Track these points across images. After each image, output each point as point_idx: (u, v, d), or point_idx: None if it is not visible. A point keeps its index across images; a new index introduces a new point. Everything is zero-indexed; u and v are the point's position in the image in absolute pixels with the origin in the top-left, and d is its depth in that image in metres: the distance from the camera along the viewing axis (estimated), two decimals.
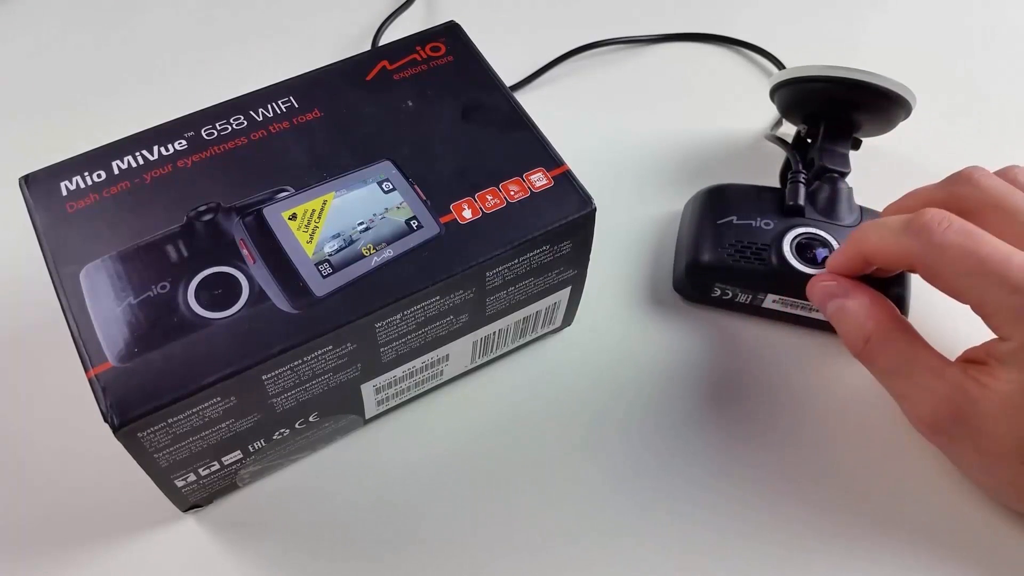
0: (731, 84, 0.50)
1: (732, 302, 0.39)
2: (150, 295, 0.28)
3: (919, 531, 0.33)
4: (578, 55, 0.50)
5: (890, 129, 0.42)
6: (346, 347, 0.29)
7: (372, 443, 0.36)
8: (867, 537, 0.33)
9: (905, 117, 0.41)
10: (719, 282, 0.38)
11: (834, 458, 0.35)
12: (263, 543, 0.33)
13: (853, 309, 0.33)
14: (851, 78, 0.39)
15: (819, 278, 0.35)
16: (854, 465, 0.35)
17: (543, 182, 0.32)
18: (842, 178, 0.40)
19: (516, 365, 0.38)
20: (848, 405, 0.37)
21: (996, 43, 0.52)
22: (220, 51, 0.51)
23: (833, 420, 0.36)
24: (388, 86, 0.34)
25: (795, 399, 0.37)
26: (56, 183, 0.31)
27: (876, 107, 0.40)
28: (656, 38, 0.52)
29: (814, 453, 0.36)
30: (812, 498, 0.34)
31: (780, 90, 0.42)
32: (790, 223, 0.38)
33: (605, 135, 0.47)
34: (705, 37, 0.52)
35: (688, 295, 0.40)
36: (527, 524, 0.34)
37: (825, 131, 0.41)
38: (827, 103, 0.40)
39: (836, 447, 0.36)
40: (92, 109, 0.48)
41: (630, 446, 0.36)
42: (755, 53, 0.51)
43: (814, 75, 0.40)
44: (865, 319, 0.33)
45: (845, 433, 0.36)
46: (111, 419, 0.26)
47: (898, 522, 0.34)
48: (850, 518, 0.34)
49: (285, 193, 0.31)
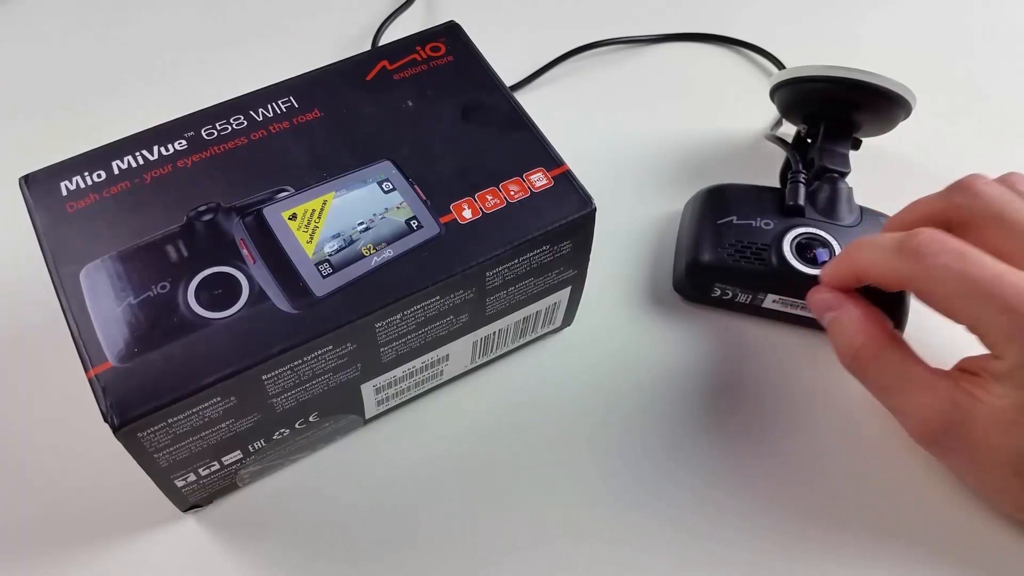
0: (730, 84, 0.50)
1: (732, 302, 0.39)
2: (150, 295, 0.28)
3: (915, 532, 0.33)
4: (578, 55, 0.50)
5: (890, 129, 0.42)
6: (346, 347, 0.29)
7: (372, 443, 0.36)
8: (862, 536, 0.33)
9: (905, 117, 0.41)
10: (719, 282, 0.38)
11: (834, 459, 0.35)
12: (263, 543, 0.33)
13: (844, 323, 0.33)
14: (851, 78, 0.39)
15: (817, 289, 0.35)
16: (852, 465, 0.35)
17: (543, 182, 0.32)
18: (842, 178, 0.40)
19: (516, 365, 0.38)
20: (848, 405, 0.37)
21: (996, 43, 0.52)
22: (220, 51, 0.51)
23: (833, 420, 0.36)
24: (388, 86, 0.34)
25: (795, 399, 0.37)
26: (56, 183, 0.31)
27: (876, 107, 0.40)
28: (656, 38, 0.52)
29: (813, 454, 0.36)
30: (810, 498, 0.34)
31: (780, 90, 0.42)
32: (790, 223, 0.38)
33: (604, 135, 0.47)
34: (705, 37, 0.52)
35: (688, 295, 0.40)
36: (526, 524, 0.34)
37: (825, 131, 0.41)
38: (827, 103, 0.40)
39: (836, 447, 0.36)
40: (92, 109, 0.48)
41: (631, 446, 0.36)
42: (755, 53, 0.51)
43: (814, 75, 0.40)
44: (855, 333, 0.33)
45: (844, 433, 0.36)
46: (111, 419, 0.26)
47: (894, 523, 0.34)
48: (847, 518, 0.34)
49: (285, 193, 0.31)
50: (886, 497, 0.34)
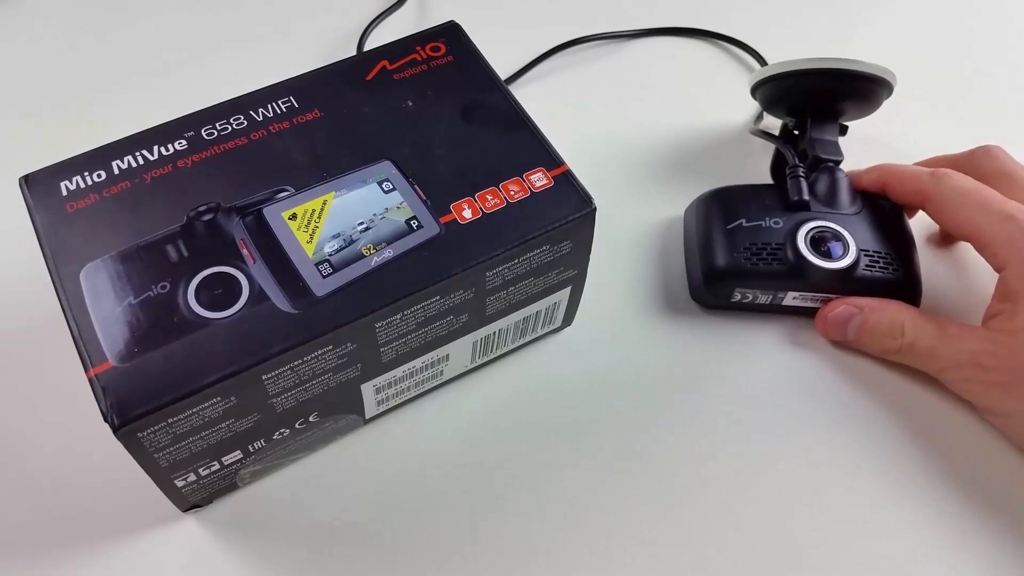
0: (710, 78, 0.50)
1: (752, 304, 0.39)
2: (150, 295, 0.28)
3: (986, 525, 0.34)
4: (561, 52, 0.50)
5: (875, 110, 0.42)
6: (346, 347, 0.29)
7: (372, 443, 0.36)
8: (872, 547, 0.33)
9: (888, 96, 0.41)
10: (740, 287, 0.38)
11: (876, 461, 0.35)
12: (263, 543, 0.33)
13: (876, 317, 0.36)
14: (832, 68, 0.39)
15: (825, 311, 0.38)
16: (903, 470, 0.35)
17: (543, 182, 0.32)
18: (837, 166, 0.40)
19: (516, 365, 0.38)
20: (891, 395, 0.37)
21: (985, 39, 0.52)
22: (220, 51, 0.51)
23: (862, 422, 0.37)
24: (388, 86, 0.34)
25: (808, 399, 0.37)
26: (56, 183, 0.31)
27: (860, 91, 0.40)
28: (636, 33, 0.52)
29: (835, 454, 0.36)
30: (855, 507, 0.34)
31: (762, 87, 0.42)
32: (798, 218, 0.38)
33: (588, 132, 0.47)
34: (685, 31, 0.52)
35: (707, 303, 0.40)
36: (526, 524, 0.34)
37: (813, 122, 0.41)
38: (811, 95, 0.41)
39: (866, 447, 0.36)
40: (92, 109, 0.48)
41: (631, 446, 0.36)
42: (734, 46, 0.51)
43: (795, 69, 0.40)
44: (896, 315, 0.36)
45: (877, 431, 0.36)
46: (111, 419, 0.26)
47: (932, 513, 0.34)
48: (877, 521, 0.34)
49: (285, 193, 0.31)
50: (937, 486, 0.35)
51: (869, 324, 0.37)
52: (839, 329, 0.37)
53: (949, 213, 0.36)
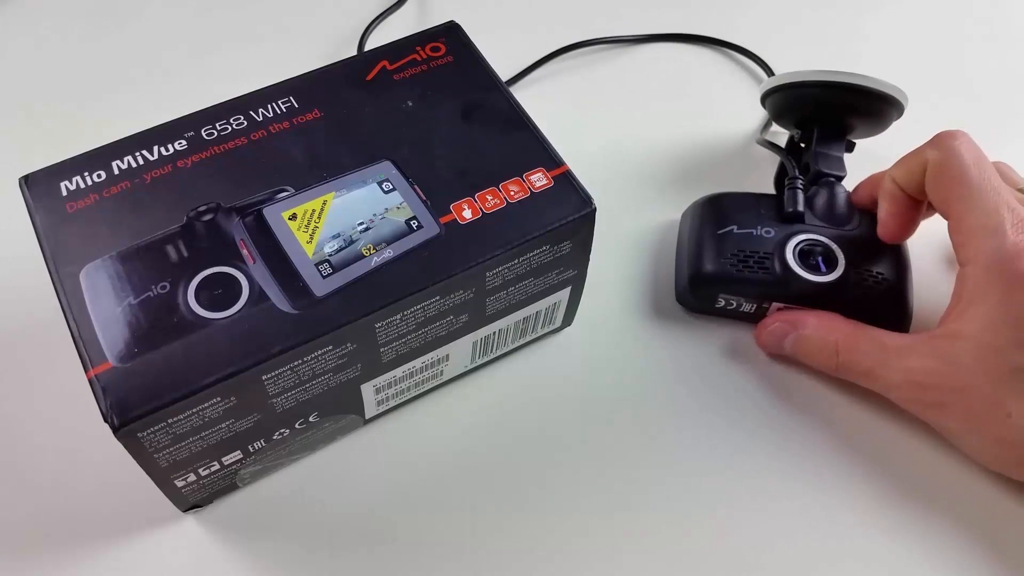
0: (717, 86, 0.50)
1: (736, 311, 0.38)
2: (150, 295, 0.28)
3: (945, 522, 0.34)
4: (563, 55, 0.50)
5: (884, 129, 0.41)
6: (346, 347, 0.29)
7: (372, 443, 0.36)
8: (879, 540, 0.33)
9: (898, 117, 0.41)
10: (723, 293, 0.38)
11: (849, 464, 0.35)
12: (263, 543, 0.33)
13: (810, 333, 0.36)
14: (844, 82, 0.38)
15: (762, 326, 0.37)
16: (869, 471, 0.35)
17: (543, 182, 0.32)
18: (838, 182, 0.39)
19: (516, 365, 0.38)
20: (853, 410, 0.37)
21: (989, 46, 0.52)
22: (220, 51, 0.51)
23: (841, 421, 0.37)
24: (388, 86, 0.34)
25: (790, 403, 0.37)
26: (56, 183, 0.31)
27: (869, 109, 0.39)
28: (639, 38, 0.51)
29: (820, 462, 0.36)
30: (826, 509, 0.34)
31: (771, 96, 0.42)
32: (790, 230, 0.38)
33: (589, 136, 0.47)
34: (689, 38, 0.52)
35: (692, 307, 0.39)
36: (525, 524, 0.34)
37: (819, 135, 0.40)
38: (820, 107, 0.40)
39: (846, 454, 0.36)
40: (92, 109, 0.48)
41: (630, 447, 0.36)
42: (740, 54, 0.51)
43: (806, 80, 0.39)
44: (827, 334, 0.35)
45: (855, 438, 0.36)
46: (111, 419, 0.26)
47: (915, 515, 0.34)
48: (872, 524, 0.34)
49: (285, 193, 0.31)
50: (907, 491, 0.34)
51: (801, 342, 0.36)
52: (776, 344, 0.37)
53: (938, 180, 0.33)
